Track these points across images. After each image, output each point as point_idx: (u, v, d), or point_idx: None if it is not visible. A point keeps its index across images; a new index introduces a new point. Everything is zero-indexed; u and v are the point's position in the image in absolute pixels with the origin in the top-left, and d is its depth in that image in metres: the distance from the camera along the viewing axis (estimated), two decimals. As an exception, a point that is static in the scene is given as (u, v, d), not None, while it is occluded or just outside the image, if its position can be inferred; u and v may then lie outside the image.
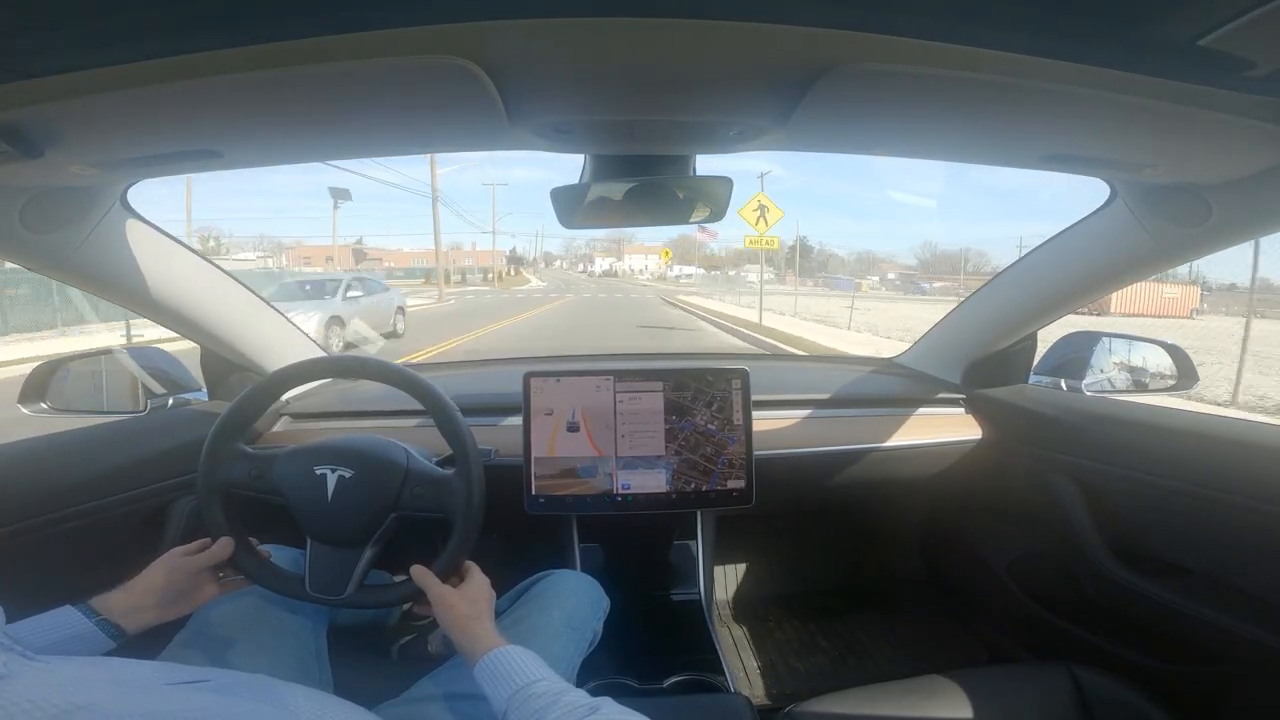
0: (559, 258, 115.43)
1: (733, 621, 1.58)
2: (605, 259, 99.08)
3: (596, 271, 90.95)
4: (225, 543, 0.74)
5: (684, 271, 73.88)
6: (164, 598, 0.69)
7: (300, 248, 64.58)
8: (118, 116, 0.55)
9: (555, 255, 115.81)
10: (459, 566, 0.77)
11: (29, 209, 0.74)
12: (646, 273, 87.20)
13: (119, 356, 1.19)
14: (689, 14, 0.44)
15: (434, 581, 0.73)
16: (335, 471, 0.76)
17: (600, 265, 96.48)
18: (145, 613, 0.68)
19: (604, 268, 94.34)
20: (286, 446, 0.91)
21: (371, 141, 0.71)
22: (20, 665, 0.39)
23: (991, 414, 1.29)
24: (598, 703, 0.55)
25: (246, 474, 0.77)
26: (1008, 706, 0.78)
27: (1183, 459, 0.92)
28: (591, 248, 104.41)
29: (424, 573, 0.74)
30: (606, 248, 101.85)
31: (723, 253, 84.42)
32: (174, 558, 0.72)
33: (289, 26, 0.44)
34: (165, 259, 0.97)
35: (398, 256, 63.91)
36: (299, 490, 0.76)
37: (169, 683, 0.47)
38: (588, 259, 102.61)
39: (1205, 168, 0.70)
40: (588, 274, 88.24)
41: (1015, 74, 0.49)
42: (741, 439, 1.10)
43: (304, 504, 0.76)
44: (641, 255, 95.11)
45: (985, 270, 24.89)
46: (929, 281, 38.01)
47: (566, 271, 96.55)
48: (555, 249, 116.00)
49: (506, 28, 0.45)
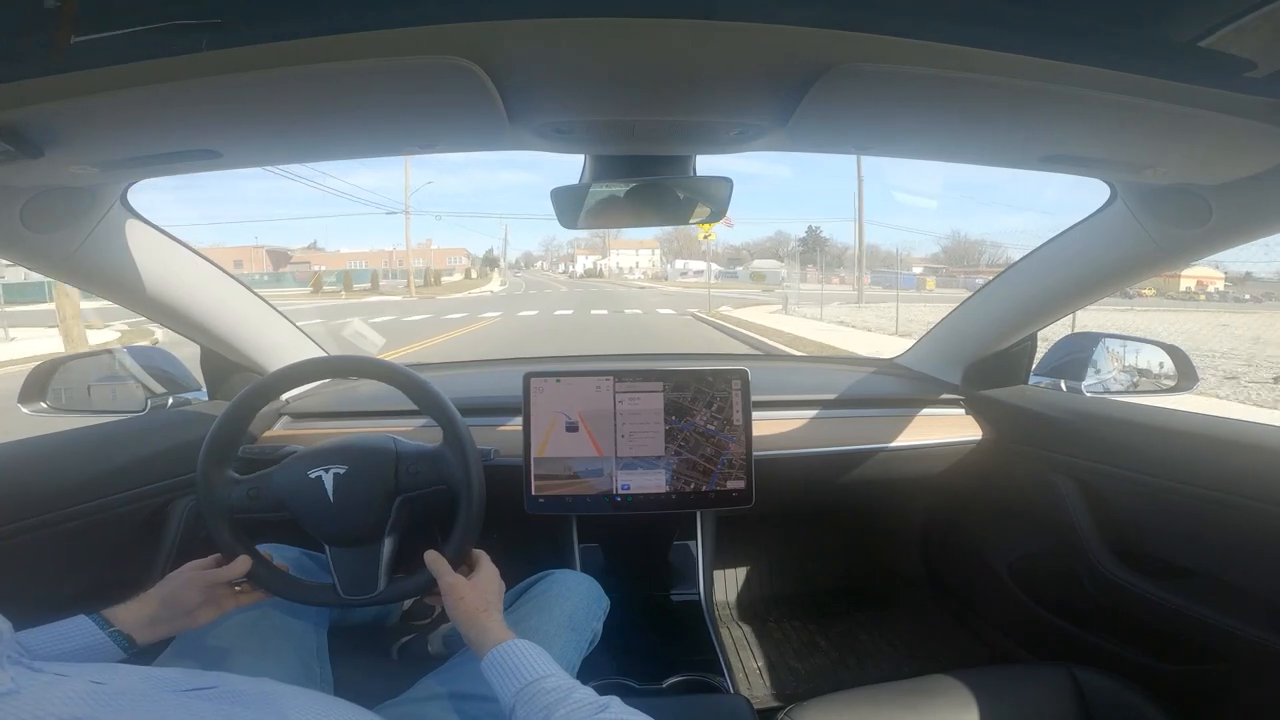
0: (539, 258, 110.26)
1: (732, 621, 1.58)
2: (589, 257, 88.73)
3: (578, 271, 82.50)
4: (243, 560, 0.74)
5: (689, 267, 64.59)
6: (178, 611, 0.69)
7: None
8: (117, 116, 0.55)
9: (536, 256, 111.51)
10: (469, 546, 0.77)
11: (29, 209, 0.74)
12: (637, 270, 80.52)
13: (119, 356, 1.19)
14: (689, 14, 0.44)
15: (446, 569, 0.73)
16: (329, 471, 0.76)
17: (583, 264, 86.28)
18: (159, 625, 0.68)
19: (587, 266, 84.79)
20: (286, 447, 0.91)
21: (371, 141, 0.71)
22: (27, 679, 0.39)
23: (992, 414, 1.29)
24: (606, 701, 0.56)
25: (245, 497, 0.77)
26: (1008, 707, 0.78)
27: (1183, 460, 0.92)
28: (574, 246, 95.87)
29: (436, 558, 0.74)
30: (590, 244, 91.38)
31: (719, 247, 77.35)
32: (190, 571, 0.72)
33: (289, 26, 0.44)
34: (165, 258, 0.97)
35: (333, 259, 59.77)
36: (300, 498, 0.77)
37: (174, 690, 0.47)
38: (569, 258, 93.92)
39: (1205, 168, 0.70)
40: (568, 275, 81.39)
41: (1015, 74, 0.49)
42: (741, 439, 1.10)
43: (309, 511, 0.76)
44: (631, 251, 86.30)
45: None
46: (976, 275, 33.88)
47: (545, 273, 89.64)
48: (536, 249, 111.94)
49: (506, 28, 0.45)
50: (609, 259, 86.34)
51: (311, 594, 0.77)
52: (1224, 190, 0.74)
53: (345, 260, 56.18)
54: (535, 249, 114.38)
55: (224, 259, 35.16)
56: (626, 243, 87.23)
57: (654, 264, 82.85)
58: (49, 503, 0.83)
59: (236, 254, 54.56)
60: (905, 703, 0.79)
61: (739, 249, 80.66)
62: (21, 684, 0.38)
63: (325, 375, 1.25)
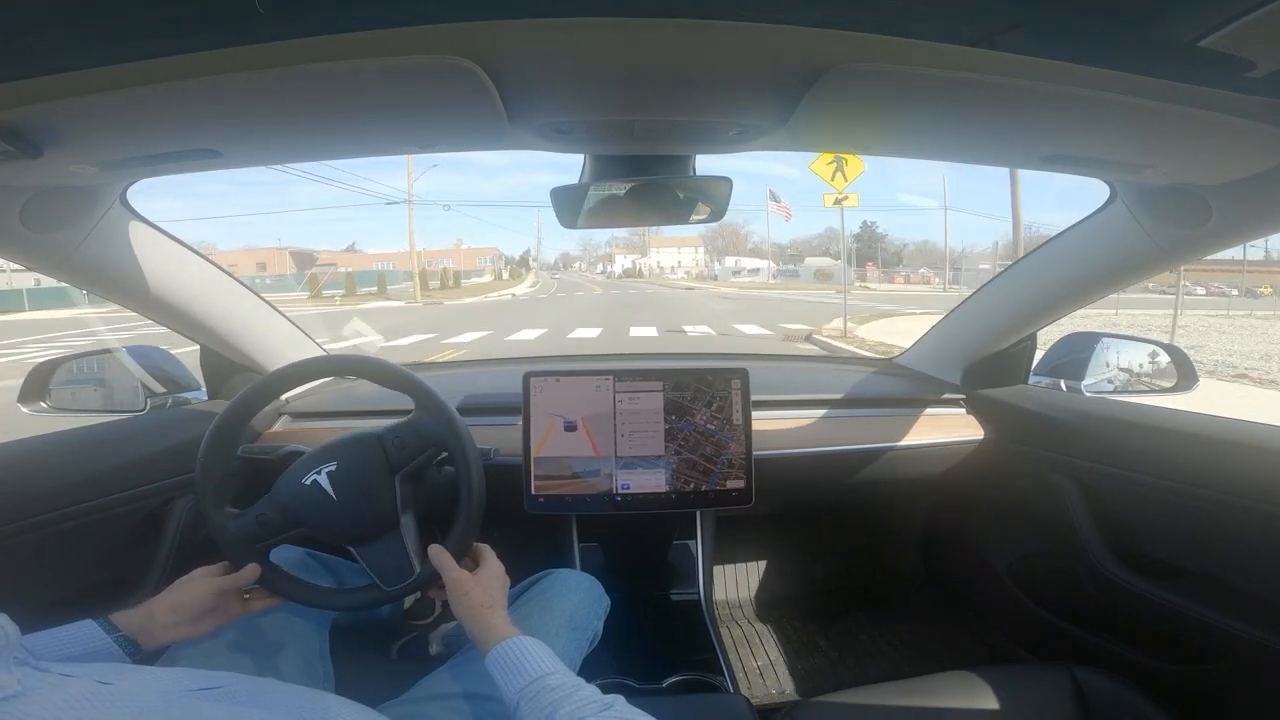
0: (577, 258, 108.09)
1: (732, 621, 1.58)
2: (627, 256, 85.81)
3: (616, 272, 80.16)
4: (252, 569, 0.73)
5: (742, 265, 59.48)
6: (185, 617, 0.69)
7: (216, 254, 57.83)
8: (117, 116, 0.55)
9: (574, 256, 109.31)
10: (471, 539, 0.77)
11: (29, 208, 0.74)
12: (680, 270, 75.71)
13: (119, 356, 1.19)
14: (689, 14, 0.44)
15: (450, 564, 0.73)
16: (322, 471, 0.77)
17: (621, 264, 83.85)
18: (166, 631, 0.67)
19: (625, 266, 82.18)
20: (286, 447, 0.91)
21: (371, 141, 0.71)
22: (34, 681, 0.39)
23: (991, 414, 1.29)
24: (610, 700, 0.55)
25: (256, 525, 0.76)
26: (1008, 707, 0.78)
27: (1183, 460, 0.92)
28: (612, 245, 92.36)
29: (440, 552, 0.74)
30: (629, 243, 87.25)
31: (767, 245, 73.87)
32: (199, 578, 0.71)
33: (289, 26, 0.44)
34: (165, 258, 0.97)
35: (362, 260, 57.32)
36: (305, 505, 0.77)
37: (181, 691, 0.47)
38: (607, 258, 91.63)
39: (1205, 169, 0.70)
40: (606, 274, 78.67)
41: (1015, 74, 0.49)
42: (741, 439, 1.10)
43: (320, 515, 0.77)
44: (672, 249, 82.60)
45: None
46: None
47: (583, 273, 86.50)
48: (574, 249, 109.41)
49: (506, 28, 0.45)
50: (648, 258, 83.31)
51: (319, 597, 0.77)
52: (1224, 190, 0.74)
53: (374, 261, 53.53)
54: (573, 249, 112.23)
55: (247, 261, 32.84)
56: (667, 240, 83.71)
57: (697, 263, 78.94)
58: (49, 502, 0.83)
59: (261, 255, 53.67)
60: (905, 702, 0.79)
61: (785, 247, 77.18)
62: (28, 685, 0.38)
63: (325, 375, 1.25)
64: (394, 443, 0.79)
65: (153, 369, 1.19)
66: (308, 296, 27.54)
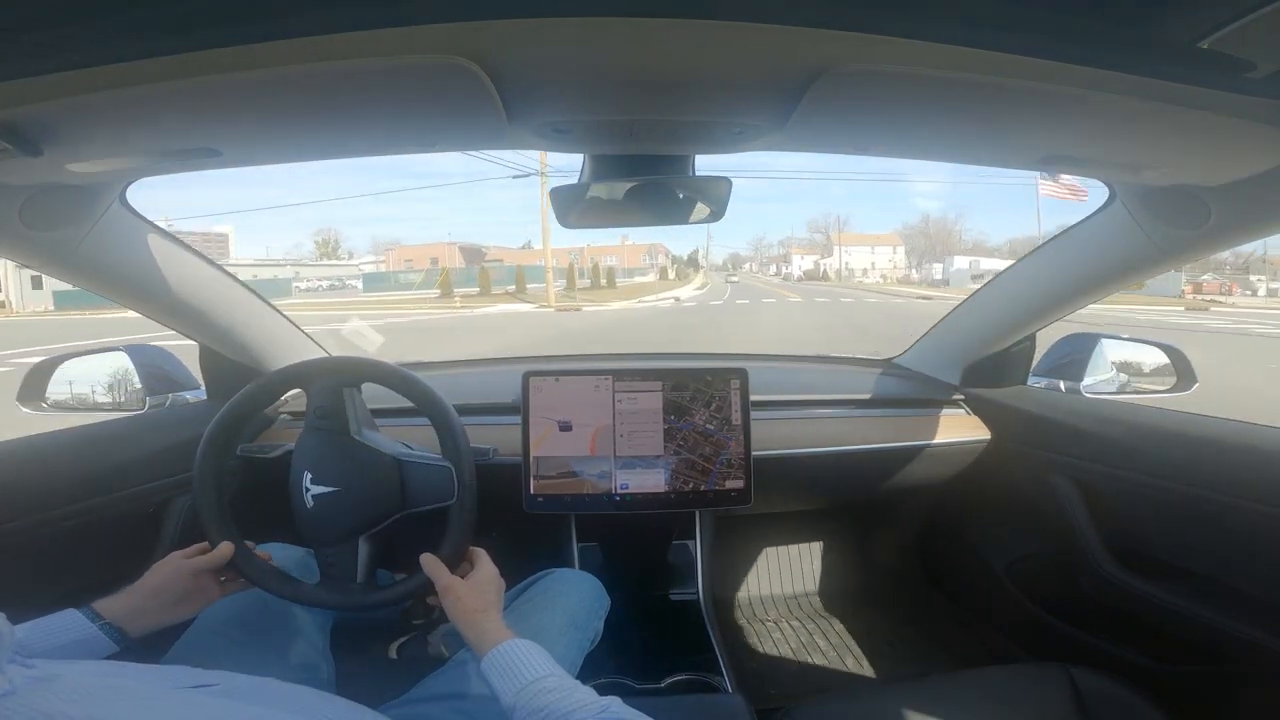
0: (748, 258, 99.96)
1: (732, 621, 1.58)
2: (807, 256, 73.15)
3: (795, 274, 67.93)
4: (225, 547, 0.74)
5: (983, 267, 38.61)
6: (166, 601, 0.69)
7: (400, 248, 56.90)
8: (116, 115, 0.55)
9: (745, 256, 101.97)
10: (465, 547, 0.77)
11: (29, 207, 0.74)
12: (874, 272, 63.34)
13: (118, 355, 1.19)
14: (688, 14, 0.44)
15: (442, 571, 0.72)
16: (320, 487, 0.77)
17: (799, 264, 71.41)
18: (148, 616, 0.68)
19: (805, 268, 69.85)
20: (285, 446, 0.90)
21: (370, 141, 0.71)
22: (25, 678, 0.39)
23: (990, 415, 1.29)
24: (607, 702, 0.55)
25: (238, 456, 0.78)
26: (1007, 707, 0.78)
27: (1181, 461, 0.92)
28: (787, 245, 79.11)
29: (433, 561, 0.73)
30: (811, 241, 74.21)
31: (968, 245, 60.03)
32: (174, 561, 0.72)
33: (288, 26, 0.44)
34: (165, 257, 0.97)
35: (525, 256, 54.24)
36: (283, 488, 0.77)
37: (177, 687, 0.47)
38: (782, 259, 79.36)
39: (1204, 169, 0.70)
40: (783, 276, 68.30)
41: (1015, 74, 0.49)
42: (740, 439, 1.10)
43: (287, 503, 0.77)
44: (865, 249, 68.15)
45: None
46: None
47: (754, 274, 75.98)
48: (744, 249, 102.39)
49: (506, 28, 0.45)
50: (833, 257, 69.42)
51: (279, 585, 0.77)
52: (1223, 191, 0.74)
53: (537, 257, 48.12)
54: (743, 249, 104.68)
55: (419, 256, 31.71)
56: (858, 237, 70.24)
57: (895, 264, 67.42)
58: (48, 500, 0.83)
59: (432, 250, 52.85)
60: (904, 702, 0.79)
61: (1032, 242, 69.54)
62: (18, 684, 0.38)
63: (325, 375, 1.25)
64: (415, 494, 0.78)
65: (152, 368, 1.19)
66: (438, 295, 23.32)
